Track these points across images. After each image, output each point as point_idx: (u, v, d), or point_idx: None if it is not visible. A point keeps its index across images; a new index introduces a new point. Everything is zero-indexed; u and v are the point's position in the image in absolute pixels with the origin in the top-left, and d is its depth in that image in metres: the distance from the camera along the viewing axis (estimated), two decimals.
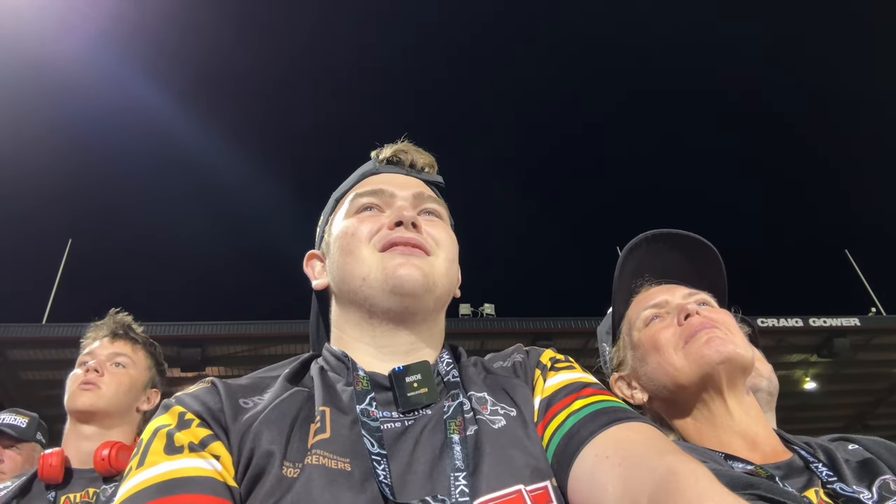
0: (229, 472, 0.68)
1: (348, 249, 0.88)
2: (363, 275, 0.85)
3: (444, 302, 0.90)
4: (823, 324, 11.04)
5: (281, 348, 10.51)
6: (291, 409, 0.75)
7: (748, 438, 1.02)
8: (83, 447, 1.57)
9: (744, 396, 1.06)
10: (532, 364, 0.89)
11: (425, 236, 0.89)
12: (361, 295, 0.85)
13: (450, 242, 0.92)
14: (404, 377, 0.80)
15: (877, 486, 0.91)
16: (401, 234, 0.86)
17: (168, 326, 9.68)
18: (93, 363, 1.65)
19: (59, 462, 1.50)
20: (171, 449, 0.67)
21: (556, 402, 0.79)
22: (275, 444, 0.69)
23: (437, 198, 0.98)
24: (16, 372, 10.21)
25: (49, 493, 1.49)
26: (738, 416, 1.03)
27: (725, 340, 1.04)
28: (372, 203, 0.92)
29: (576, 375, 0.85)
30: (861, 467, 0.96)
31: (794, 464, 0.98)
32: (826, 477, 0.93)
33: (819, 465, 0.96)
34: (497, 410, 0.80)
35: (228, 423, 0.71)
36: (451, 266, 0.91)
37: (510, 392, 0.83)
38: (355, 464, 0.69)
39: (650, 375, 1.12)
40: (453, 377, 0.84)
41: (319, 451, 0.69)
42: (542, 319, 11.30)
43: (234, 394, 0.76)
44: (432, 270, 0.86)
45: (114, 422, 1.63)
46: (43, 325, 10.43)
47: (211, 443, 0.69)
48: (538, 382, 0.85)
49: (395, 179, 0.96)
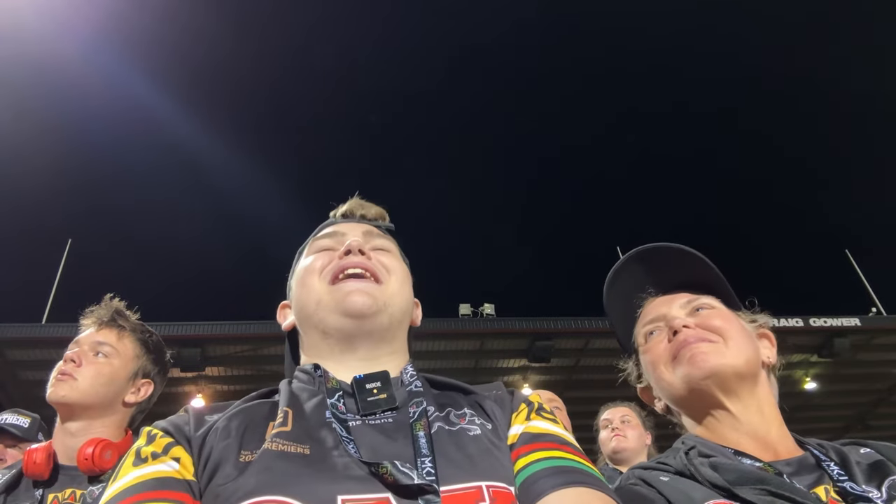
0: (188, 470, 0.77)
1: (303, 282, 0.99)
2: (316, 300, 0.95)
3: (398, 320, 0.98)
4: (823, 324, 11.06)
5: (281, 348, 10.35)
6: (253, 413, 0.84)
7: (758, 438, 1.02)
8: (69, 443, 1.52)
9: (750, 398, 1.05)
10: (519, 399, 0.95)
11: (375, 262, 0.99)
12: (317, 318, 0.95)
13: (401, 270, 1.02)
14: (364, 384, 0.89)
15: (886, 487, 0.91)
16: (349, 259, 0.97)
17: (168, 326, 9.68)
18: (73, 353, 1.58)
19: (43, 459, 1.45)
20: (137, 461, 0.77)
21: (532, 443, 0.84)
22: (231, 439, 0.78)
23: (385, 236, 1.09)
24: (15, 372, 10.21)
25: (36, 491, 1.45)
26: (745, 419, 1.03)
27: (708, 354, 1.04)
28: (327, 245, 1.04)
29: (558, 430, 0.89)
30: (872, 469, 0.96)
31: (805, 461, 0.98)
32: (837, 476, 0.93)
33: (831, 465, 0.96)
34: (474, 421, 0.87)
35: (191, 433, 0.81)
36: (403, 288, 1.00)
37: (487, 409, 0.91)
38: (314, 448, 0.76)
39: (655, 388, 1.16)
40: (416, 387, 0.92)
41: (278, 439, 0.76)
42: (542, 319, 11.30)
43: (201, 413, 0.86)
44: (382, 293, 0.95)
45: (96, 414, 1.56)
46: (42, 325, 10.44)
47: (171, 448, 0.78)
48: (522, 413, 0.91)
49: (349, 225, 1.08)
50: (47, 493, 1.46)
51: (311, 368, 0.93)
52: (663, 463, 1.01)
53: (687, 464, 0.96)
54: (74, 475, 1.48)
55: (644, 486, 0.97)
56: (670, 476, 0.97)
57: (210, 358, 10.60)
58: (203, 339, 10.25)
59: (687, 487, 0.92)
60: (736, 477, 0.90)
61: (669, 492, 0.93)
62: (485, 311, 12.28)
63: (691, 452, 0.99)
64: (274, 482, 0.70)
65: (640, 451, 3.08)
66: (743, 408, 1.04)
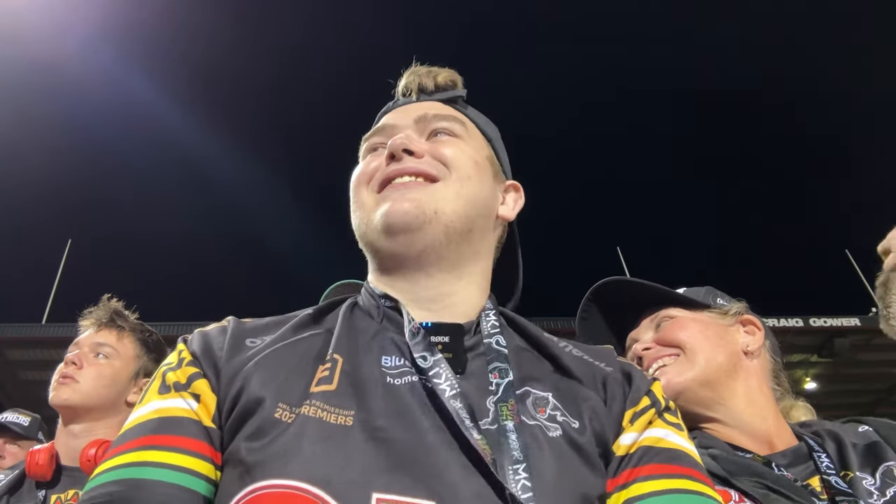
0: (208, 414, 0.66)
1: (354, 197, 0.83)
2: (365, 220, 0.79)
3: (462, 230, 0.76)
4: (823, 324, 11.05)
5: None
6: (297, 351, 0.70)
7: (753, 433, 1.02)
8: (72, 444, 1.52)
9: (732, 396, 1.05)
10: (641, 388, 0.73)
11: (427, 160, 0.79)
12: (367, 241, 0.80)
13: (466, 158, 0.80)
14: (430, 335, 0.71)
15: (880, 472, 0.91)
16: (394, 167, 0.78)
17: (168, 326, 9.66)
18: (73, 355, 1.58)
19: (46, 460, 1.45)
20: (163, 388, 0.68)
21: (656, 465, 0.65)
22: (266, 388, 0.65)
23: (452, 113, 0.87)
24: (15, 372, 10.20)
25: (39, 492, 1.46)
26: (734, 417, 1.03)
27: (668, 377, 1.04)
28: (377, 142, 0.86)
29: (690, 446, 0.70)
30: (867, 451, 0.96)
31: (800, 451, 0.99)
32: (825, 468, 0.93)
33: (822, 455, 0.96)
34: (555, 417, 0.67)
35: (222, 363, 0.68)
36: (468, 184, 0.78)
37: (578, 401, 0.70)
38: (359, 418, 0.62)
39: None
40: (498, 344, 0.72)
41: (319, 402, 0.63)
42: (541, 319, 11.29)
43: (242, 333, 0.73)
44: (433, 197, 0.75)
45: (99, 416, 1.56)
46: (42, 325, 10.42)
47: (195, 381, 0.67)
48: (645, 414, 0.70)
49: (403, 110, 0.88)
50: (50, 494, 1.46)
51: (380, 295, 0.77)
52: None
53: None
54: (77, 476, 1.49)
55: None
56: None
57: None
58: None
59: None
60: (735, 468, 0.91)
61: None
62: None
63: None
64: (302, 465, 0.58)
65: None
66: (727, 409, 1.03)
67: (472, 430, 0.60)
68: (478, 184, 0.80)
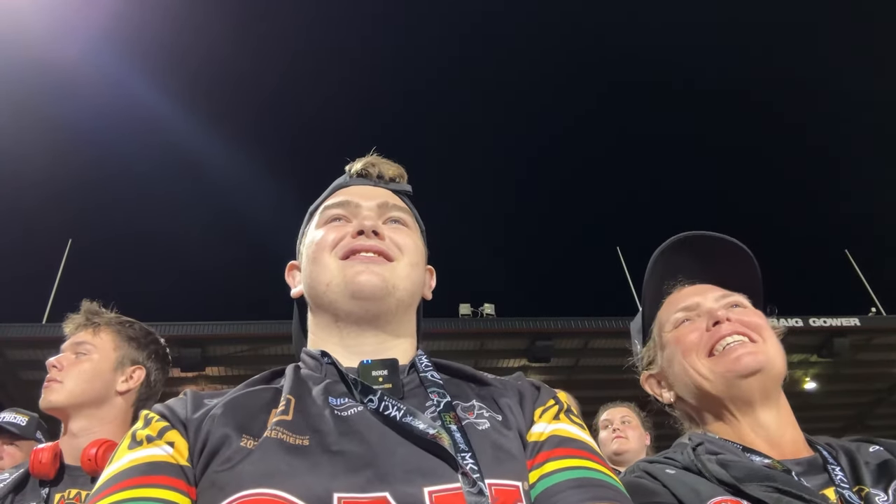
0: (182, 455, 0.75)
1: (314, 258, 0.94)
2: (327, 281, 0.91)
3: (407, 304, 0.94)
4: (823, 324, 11.05)
5: (281, 348, 10.50)
6: (254, 400, 0.82)
7: (772, 440, 1.02)
8: (73, 444, 1.56)
9: (776, 403, 1.05)
10: (548, 394, 0.90)
11: (388, 243, 0.94)
12: (326, 300, 0.91)
13: (414, 247, 0.97)
14: (371, 370, 0.86)
15: (893, 489, 0.91)
16: (361, 242, 0.92)
17: (168, 326, 9.67)
18: (54, 359, 1.62)
19: (49, 459, 1.48)
20: (133, 444, 0.76)
21: (559, 448, 0.81)
22: (230, 426, 0.75)
23: (403, 206, 1.03)
24: (15, 372, 10.21)
25: (42, 490, 1.48)
26: (766, 423, 1.03)
27: (756, 353, 1.02)
28: (339, 214, 0.98)
29: (586, 437, 0.85)
30: (880, 469, 0.95)
31: (814, 462, 0.98)
32: (839, 482, 0.92)
33: (836, 468, 0.95)
34: (482, 414, 0.83)
35: (188, 416, 0.79)
36: (414, 270, 0.95)
37: (498, 401, 0.87)
38: (315, 440, 0.74)
39: (676, 377, 1.11)
40: (433, 376, 0.88)
41: (279, 427, 0.74)
42: (542, 319, 11.29)
43: (199, 397, 0.84)
44: (392, 275, 0.90)
45: (91, 411, 1.59)
46: (42, 325, 10.43)
47: (167, 432, 0.77)
48: (550, 410, 0.86)
49: (363, 191, 1.01)
50: (53, 493, 1.48)
51: (319, 354, 0.90)
52: (670, 458, 1.00)
53: (694, 459, 0.95)
54: (79, 475, 1.51)
55: (649, 478, 0.97)
56: (676, 470, 0.96)
57: (210, 358, 10.59)
58: (203, 339, 10.23)
59: (693, 482, 0.92)
60: (744, 474, 0.89)
61: (675, 485, 0.92)
62: (485, 311, 12.27)
63: (699, 448, 0.98)
64: (271, 474, 0.68)
65: (640, 451, 3.10)
66: (768, 412, 1.03)
67: (427, 429, 0.74)
68: (420, 269, 0.97)
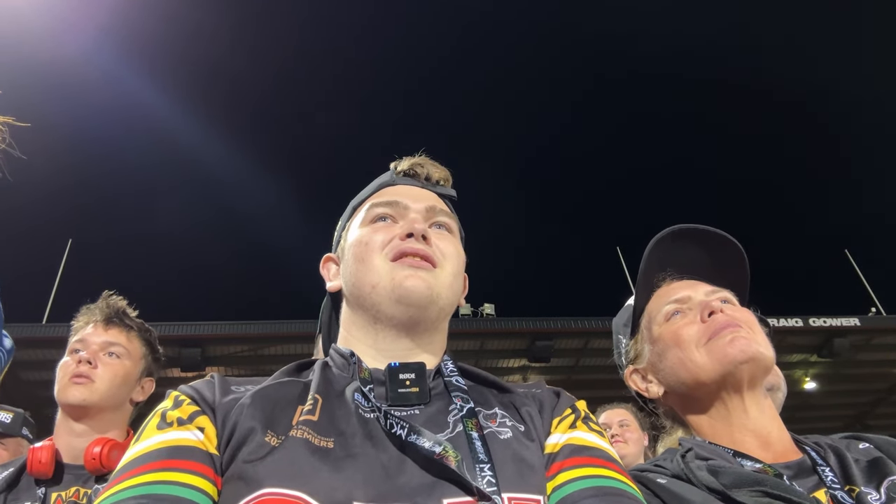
0: (212, 442, 0.74)
1: (361, 257, 0.92)
2: (373, 282, 0.89)
3: (447, 313, 0.94)
4: (823, 324, 11.06)
5: (281, 348, 10.51)
6: (282, 393, 0.81)
7: (761, 437, 1.02)
8: (74, 443, 1.51)
9: (761, 396, 1.06)
10: (566, 402, 0.90)
11: (434, 248, 0.92)
12: (370, 301, 0.89)
13: (456, 256, 0.96)
14: (398, 373, 0.85)
15: (885, 487, 0.91)
16: (411, 245, 0.90)
17: (168, 326, 9.67)
18: (85, 354, 1.56)
19: (48, 458, 1.44)
20: (162, 424, 0.75)
21: (575, 457, 0.79)
22: (256, 419, 0.75)
23: (449, 211, 1.01)
24: (15, 372, 10.21)
25: (39, 489, 1.45)
26: (753, 415, 1.03)
27: (750, 340, 1.04)
28: (386, 213, 0.96)
29: (604, 444, 0.84)
30: (870, 467, 0.95)
31: (804, 464, 0.98)
32: (830, 482, 0.92)
33: (826, 469, 0.95)
34: (505, 423, 0.82)
35: (216, 402, 0.78)
36: (456, 279, 0.94)
37: (520, 409, 0.86)
38: (339, 443, 0.73)
39: (669, 370, 1.11)
40: (457, 381, 0.87)
41: (305, 427, 0.74)
42: (542, 319, 11.30)
43: (226, 382, 0.84)
44: (437, 282, 0.89)
45: (107, 415, 1.56)
46: (42, 325, 10.44)
47: (197, 417, 0.76)
48: (566, 419, 0.86)
49: (410, 192, 1.00)
50: (50, 492, 1.45)
51: (348, 354, 0.89)
52: (660, 466, 1.01)
53: (683, 467, 0.96)
54: (79, 474, 1.48)
55: (641, 489, 0.97)
56: (667, 479, 0.96)
57: (210, 358, 10.59)
58: (203, 339, 10.24)
59: (684, 491, 0.92)
60: (732, 480, 0.90)
61: (665, 495, 0.92)
62: (485, 311, 12.27)
63: (688, 455, 0.99)
64: (294, 475, 0.68)
65: (639, 455, 3.10)
66: (754, 403, 1.04)
67: (435, 447, 0.73)
68: (460, 278, 0.96)
